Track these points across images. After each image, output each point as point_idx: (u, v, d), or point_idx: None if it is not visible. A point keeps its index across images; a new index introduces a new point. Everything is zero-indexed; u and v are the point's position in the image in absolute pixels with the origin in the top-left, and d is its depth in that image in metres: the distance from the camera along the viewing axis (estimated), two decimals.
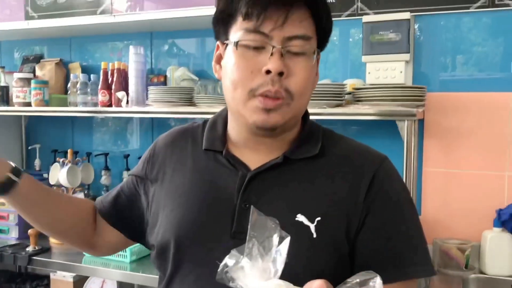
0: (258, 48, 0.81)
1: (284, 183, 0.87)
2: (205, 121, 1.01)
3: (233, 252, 0.63)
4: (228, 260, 0.62)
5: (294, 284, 0.63)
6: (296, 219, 0.82)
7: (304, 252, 0.80)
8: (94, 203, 1.08)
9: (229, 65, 0.84)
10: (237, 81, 0.82)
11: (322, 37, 0.87)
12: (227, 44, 0.86)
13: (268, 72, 0.80)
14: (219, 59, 0.90)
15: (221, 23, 0.87)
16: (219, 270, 0.63)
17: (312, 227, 0.81)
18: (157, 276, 0.99)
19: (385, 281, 0.78)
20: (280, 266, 0.62)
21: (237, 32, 0.83)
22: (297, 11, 0.81)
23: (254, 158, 0.89)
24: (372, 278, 0.61)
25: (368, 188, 0.85)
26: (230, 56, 0.84)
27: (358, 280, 0.61)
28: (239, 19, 0.82)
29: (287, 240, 0.62)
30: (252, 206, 0.65)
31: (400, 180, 0.91)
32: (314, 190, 0.86)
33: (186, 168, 0.94)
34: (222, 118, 0.96)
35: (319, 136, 0.92)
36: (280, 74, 0.80)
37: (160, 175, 0.97)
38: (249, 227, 0.63)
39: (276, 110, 0.82)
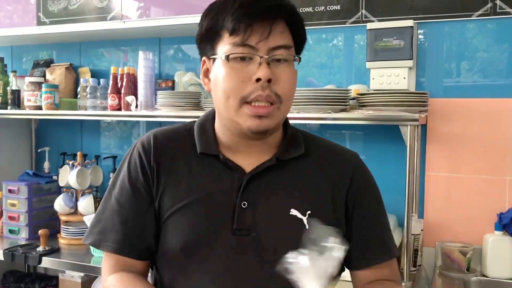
0: (246, 60, 0.90)
1: (278, 182, 0.97)
2: (188, 124, 1.05)
3: (293, 252, 0.79)
4: (290, 256, 0.78)
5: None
6: (290, 213, 0.93)
7: (299, 242, 0.86)
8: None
9: (220, 77, 0.92)
10: (229, 91, 0.90)
11: (299, 45, 0.98)
12: (214, 59, 0.94)
13: (258, 80, 0.89)
14: (207, 72, 0.98)
15: (208, 40, 0.95)
16: (283, 261, 0.79)
17: (304, 219, 0.93)
18: None
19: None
20: (332, 269, 0.77)
21: (225, 47, 0.91)
22: (278, 24, 0.90)
23: (248, 161, 0.98)
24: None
25: (350, 184, 1.00)
26: (219, 69, 0.92)
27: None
28: (225, 35, 0.90)
29: (342, 248, 0.77)
30: (307, 218, 0.90)
31: (370, 174, 1.07)
32: (305, 186, 0.98)
33: (182, 173, 0.98)
34: (209, 123, 1.03)
35: (300, 137, 1.03)
36: (269, 80, 0.89)
37: (156, 182, 0.98)
38: (307, 233, 0.81)
39: (267, 116, 0.91)
